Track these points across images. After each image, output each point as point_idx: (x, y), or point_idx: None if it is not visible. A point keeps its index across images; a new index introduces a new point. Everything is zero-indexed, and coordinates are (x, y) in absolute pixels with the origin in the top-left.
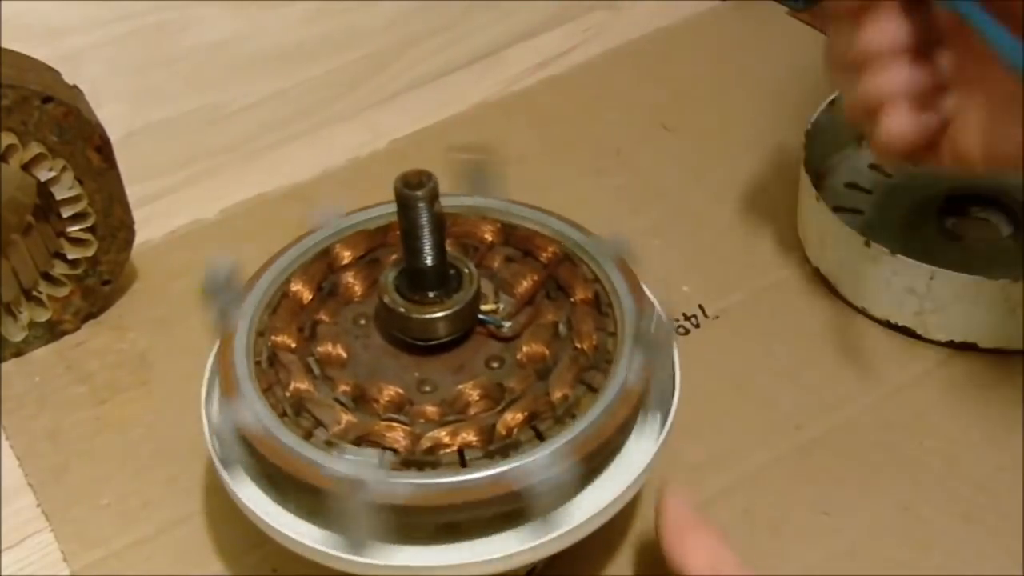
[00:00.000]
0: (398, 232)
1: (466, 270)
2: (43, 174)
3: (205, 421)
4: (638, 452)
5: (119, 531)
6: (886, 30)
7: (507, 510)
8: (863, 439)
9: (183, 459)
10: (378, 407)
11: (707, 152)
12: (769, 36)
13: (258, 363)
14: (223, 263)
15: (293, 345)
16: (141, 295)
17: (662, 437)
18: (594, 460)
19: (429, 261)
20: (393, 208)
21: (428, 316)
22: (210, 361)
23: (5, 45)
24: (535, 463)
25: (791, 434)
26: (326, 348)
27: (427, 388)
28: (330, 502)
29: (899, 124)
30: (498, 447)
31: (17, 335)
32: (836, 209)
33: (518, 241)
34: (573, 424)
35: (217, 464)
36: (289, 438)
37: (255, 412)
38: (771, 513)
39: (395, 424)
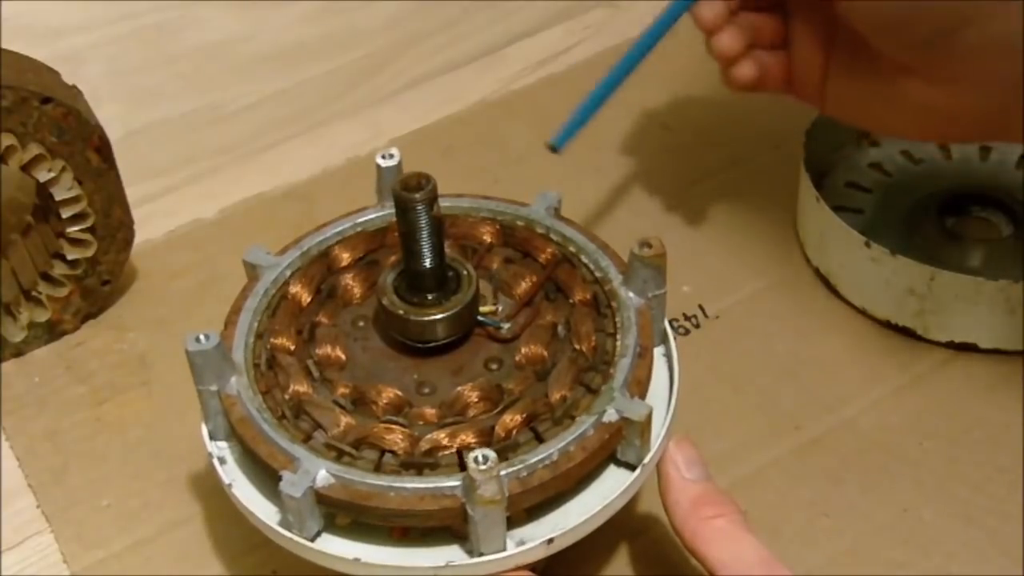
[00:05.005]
0: (397, 234)
1: (465, 272)
2: (42, 175)
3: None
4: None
5: (119, 532)
6: (708, 7)
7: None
8: (863, 439)
9: (183, 460)
10: (377, 409)
11: (707, 152)
12: None
13: (257, 366)
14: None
15: (292, 347)
16: (141, 295)
17: (662, 436)
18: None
19: (428, 263)
20: (392, 209)
21: (427, 318)
22: None
23: (5, 45)
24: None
25: (791, 434)
26: (325, 350)
27: (426, 390)
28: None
29: (739, 71)
30: (497, 449)
31: (17, 335)
32: (836, 209)
33: (517, 242)
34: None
35: (216, 465)
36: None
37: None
38: (771, 514)
39: (394, 426)
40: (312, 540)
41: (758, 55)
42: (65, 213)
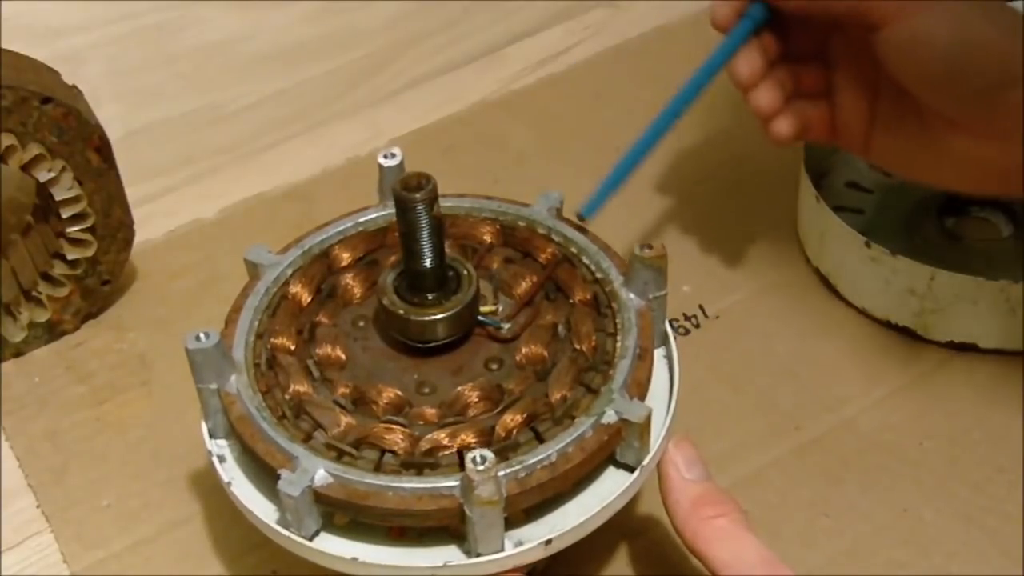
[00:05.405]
0: (397, 233)
1: (465, 272)
2: (43, 175)
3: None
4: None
5: (119, 532)
6: (745, 63)
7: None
8: (863, 439)
9: (183, 460)
10: (377, 409)
11: (707, 151)
12: None
13: (257, 365)
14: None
15: (292, 347)
16: (141, 295)
17: (661, 437)
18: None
19: (428, 263)
20: (392, 209)
21: (427, 318)
22: None
23: (5, 45)
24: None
25: (791, 435)
26: (325, 350)
27: (426, 390)
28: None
29: (777, 127)
30: (497, 448)
31: (17, 335)
32: (836, 209)
33: (517, 242)
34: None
35: (216, 463)
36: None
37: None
38: (771, 514)
39: (394, 426)
40: (310, 539)
41: (800, 106)
42: (65, 213)
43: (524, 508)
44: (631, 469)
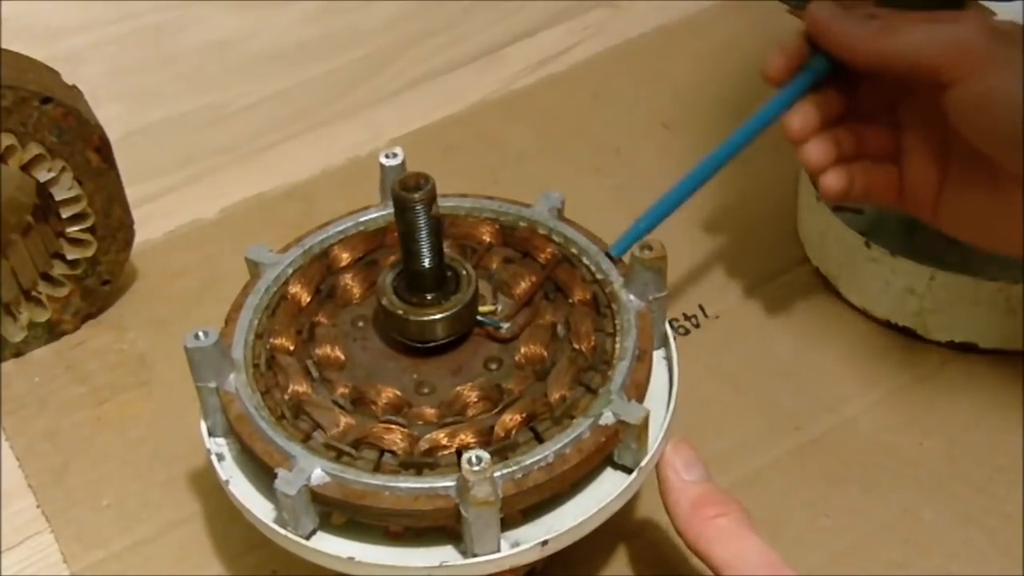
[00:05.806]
0: (396, 233)
1: (464, 271)
2: (42, 175)
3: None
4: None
5: (119, 532)
6: (798, 119)
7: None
8: (863, 440)
9: (183, 459)
10: (376, 409)
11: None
12: (769, 34)
13: (256, 366)
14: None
15: (291, 347)
16: (141, 295)
17: (660, 439)
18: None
19: (427, 263)
20: (391, 209)
21: (426, 318)
22: None
23: (5, 45)
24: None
25: (791, 435)
26: (324, 350)
27: (425, 390)
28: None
29: (826, 183)
30: (496, 448)
31: (17, 335)
32: (836, 209)
33: (516, 242)
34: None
35: (214, 461)
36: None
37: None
38: (771, 514)
39: (393, 426)
40: (307, 538)
41: (865, 168)
42: (65, 213)
43: (521, 509)
44: (629, 470)
